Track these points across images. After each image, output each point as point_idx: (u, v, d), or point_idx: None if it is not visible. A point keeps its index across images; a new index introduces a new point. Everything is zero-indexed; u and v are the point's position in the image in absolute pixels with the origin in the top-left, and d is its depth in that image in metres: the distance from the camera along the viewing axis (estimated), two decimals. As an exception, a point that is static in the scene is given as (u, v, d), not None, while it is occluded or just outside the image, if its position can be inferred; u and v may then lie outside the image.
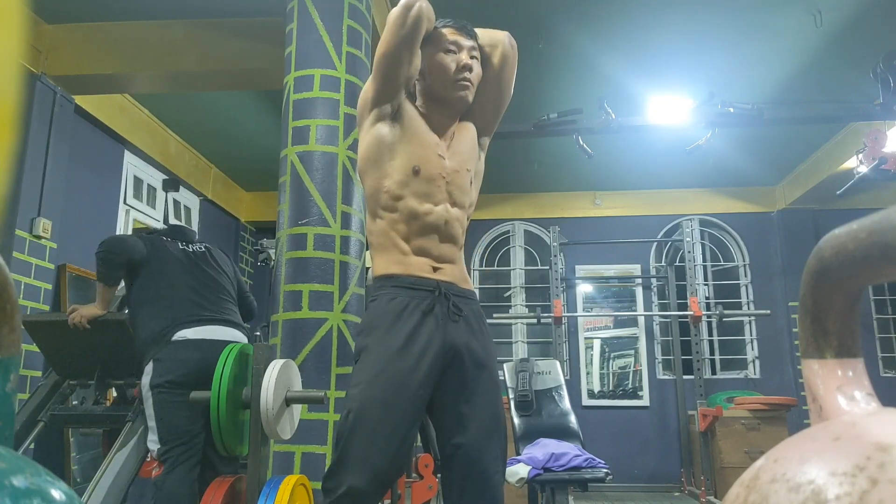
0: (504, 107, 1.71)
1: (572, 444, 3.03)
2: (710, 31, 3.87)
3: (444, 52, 1.63)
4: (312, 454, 2.29)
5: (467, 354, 1.51)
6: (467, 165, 1.64)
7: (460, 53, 1.62)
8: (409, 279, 1.53)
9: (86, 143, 4.17)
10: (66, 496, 0.40)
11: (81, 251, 4.02)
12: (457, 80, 1.61)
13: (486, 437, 1.48)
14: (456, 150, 1.63)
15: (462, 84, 1.61)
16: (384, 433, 1.41)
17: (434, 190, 1.56)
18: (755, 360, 6.14)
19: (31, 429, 2.75)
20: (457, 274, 1.59)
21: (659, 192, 6.43)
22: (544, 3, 3.60)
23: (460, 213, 1.61)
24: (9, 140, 0.34)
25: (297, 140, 2.57)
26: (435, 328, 1.49)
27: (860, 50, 3.95)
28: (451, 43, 1.63)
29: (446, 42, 1.63)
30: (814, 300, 0.43)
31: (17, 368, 0.61)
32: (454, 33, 1.64)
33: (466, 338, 1.52)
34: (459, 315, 1.53)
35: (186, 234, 2.72)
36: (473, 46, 1.65)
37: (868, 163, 4.00)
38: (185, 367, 2.32)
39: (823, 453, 0.36)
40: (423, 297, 1.51)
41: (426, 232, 1.55)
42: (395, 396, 1.42)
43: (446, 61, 1.62)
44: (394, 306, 1.50)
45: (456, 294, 1.56)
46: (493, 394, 1.53)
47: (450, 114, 1.66)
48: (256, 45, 3.62)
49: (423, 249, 1.55)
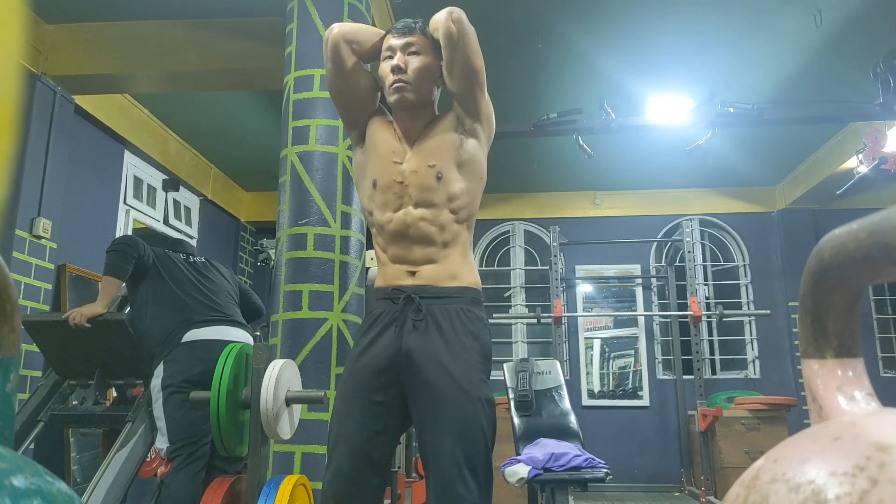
0: (475, 82, 1.63)
1: (572, 444, 3.03)
2: (710, 31, 3.87)
3: (383, 60, 1.65)
4: (312, 454, 2.29)
5: (427, 360, 1.48)
6: (430, 161, 1.59)
7: (393, 57, 1.63)
8: (385, 290, 1.59)
9: (86, 143, 4.17)
10: (66, 496, 0.40)
11: (81, 251, 4.02)
12: (391, 84, 1.62)
13: (449, 441, 1.44)
14: (420, 149, 1.62)
15: (395, 87, 1.61)
16: (343, 438, 1.49)
17: (390, 198, 1.59)
18: (755, 360, 6.14)
19: (31, 429, 2.75)
20: (439, 273, 1.56)
21: (659, 192, 6.43)
22: (544, 3, 3.60)
23: (428, 212, 1.57)
24: (9, 140, 0.34)
25: (297, 140, 2.57)
26: (393, 336, 1.52)
27: (860, 50, 3.95)
28: (388, 49, 1.64)
29: (384, 49, 1.65)
30: (814, 300, 0.43)
31: (17, 368, 0.61)
32: (389, 38, 1.65)
33: (426, 342, 1.50)
34: (419, 319, 1.51)
35: (187, 248, 2.86)
36: (408, 43, 1.63)
37: (868, 163, 4.00)
38: (199, 366, 2.37)
39: (823, 453, 0.36)
40: (392, 307, 1.55)
41: (395, 239, 1.58)
42: (348, 405, 1.51)
43: (384, 68, 1.64)
44: (367, 320, 1.61)
45: (430, 296, 1.53)
46: (457, 396, 1.46)
47: (409, 116, 1.65)
48: (256, 45, 3.62)
49: (399, 257, 1.59)
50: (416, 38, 1.63)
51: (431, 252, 1.57)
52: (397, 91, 1.61)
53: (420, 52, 1.63)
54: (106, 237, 4.39)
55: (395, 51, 1.63)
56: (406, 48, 1.62)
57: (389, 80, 1.62)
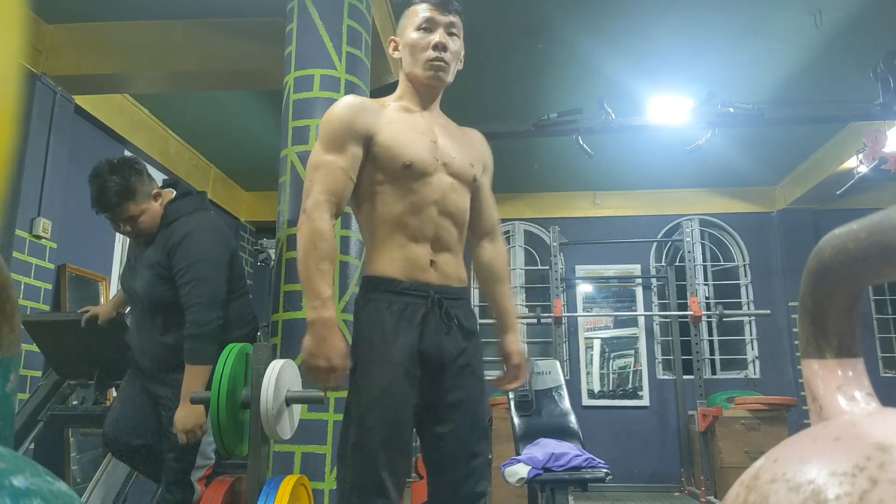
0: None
1: (572, 444, 3.03)
2: (710, 31, 3.87)
3: (418, 30, 1.59)
4: (312, 454, 2.29)
5: (463, 365, 1.58)
6: (461, 147, 1.68)
7: (433, 31, 1.58)
8: (405, 284, 1.56)
9: (86, 143, 4.17)
10: (66, 496, 0.40)
11: (81, 251, 4.02)
12: (430, 59, 1.57)
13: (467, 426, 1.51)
14: (444, 132, 1.65)
15: (435, 64, 1.57)
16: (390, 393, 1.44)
17: (428, 170, 1.62)
18: (755, 360, 6.14)
19: (31, 429, 2.75)
20: (455, 271, 1.64)
21: (659, 192, 6.43)
22: (544, 3, 3.60)
23: (459, 195, 1.64)
24: (9, 140, 0.34)
25: (297, 140, 2.57)
26: (424, 335, 1.55)
27: (860, 50, 3.94)
28: (427, 21, 1.58)
29: (421, 19, 1.59)
30: (814, 300, 0.43)
31: (17, 368, 0.61)
32: (428, 8, 1.59)
33: (457, 344, 1.58)
34: (450, 324, 1.60)
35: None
36: (451, 22, 1.59)
37: (868, 163, 3.99)
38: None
39: (823, 453, 0.36)
40: (418, 303, 1.53)
41: (422, 219, 1.60)
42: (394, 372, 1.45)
43: (418, 40, 1.58)
44: (388, 314, 1.57)
45: (450, 297, 1.60)
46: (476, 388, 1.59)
47: (432, 96, 1.64)
48: (256, 45, 3.62)
49: (422, 236, 1.60)
50: (457, 19, 1.61)
51: (452, 241, 1.57)
52: (435, 69, 1.58)
53: (458, 35, 1.62)
54: (106, 237, 4.40)
55: (436, 25, 1.58)
56: (448, 27, 1.59)
57: (428, 55, 1.57)
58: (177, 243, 2.12)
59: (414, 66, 1.60)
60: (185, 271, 2.10)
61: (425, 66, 1.58)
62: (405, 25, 1.63)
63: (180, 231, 2.14)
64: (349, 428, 1.46)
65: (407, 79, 1.64)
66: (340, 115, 1.53)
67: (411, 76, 1.62)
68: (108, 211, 2.13)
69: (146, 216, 2.17)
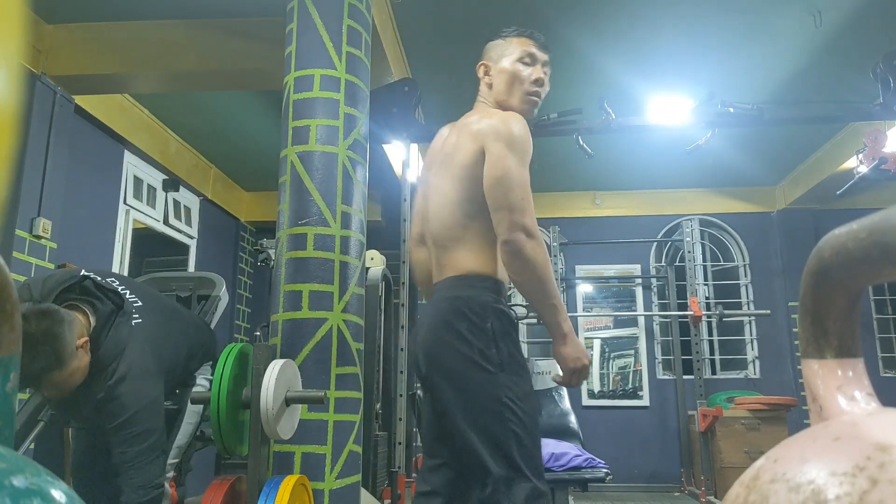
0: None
1: (572, 444, 3.04)
2: (710, 31, 3.87)
3: (521, 61, 1.67)
4: (312, 454, 2.29)
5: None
6: None
7: (534, 64, 1.67)
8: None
9: (86, 143, 4.17)
10: (66, 496, 0.40)
11: (81, 251, 4.02)
12: (529, 93, 1.66)
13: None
14: None
15: (533, 99, 1.67)
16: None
17: None
18: (755, 360, 6.14)
19: (31, 429, 2.75)
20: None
21: (659, 192, 6.43)
22: (544, 3, 3.60)
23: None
24: (9, 140, 0.34)
25: (297, 140, 2.57)
26: None
27: (860, 50, 3.94)
28: (529, 55, 1.67)
29: (523, 53, 1.67)
30: (814, 300, 0.43)
31: (18, 368, 0.61)
32: (529, 44, 1.68)
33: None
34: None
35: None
36: (547, 62, 1.69)
37: (868, 163, 3.99)
38: None
39: (823, 453, 0.36)
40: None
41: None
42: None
43: (522, 71, 1.66)
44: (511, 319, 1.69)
45: None
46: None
47: None
48: (256, 45, 3.61)
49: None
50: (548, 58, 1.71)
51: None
52: (532, 104, 1.70)
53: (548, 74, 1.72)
54: (106, 237, 4.40)
55: (535, 61, 1.68)
56: (545, 66, 1.70)
57: (528, 88, 1.68)
58: (108, 397, 1.88)
59: (510, 95, 1.69)
60: (121, 427, 1.87)
61: (524, 98, 1.68)
62: (502, 54, 1.70)
63: (111, 378, 1.89)
64: (515, 416, 1.52)
65: (498, 105, 1.71)
66: (529, 135, 1.63)
67: (505, 104, 1.70)
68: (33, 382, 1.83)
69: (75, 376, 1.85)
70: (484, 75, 1.73)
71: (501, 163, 1.57)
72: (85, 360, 1.86)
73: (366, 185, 2.67)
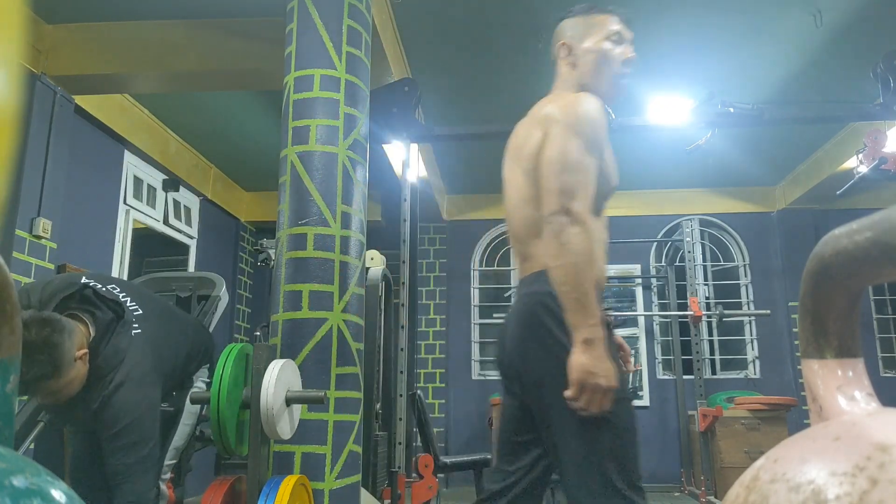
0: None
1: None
2: (710, 31, 3.87)
3: (610, 39, 1.56)
4: (312, 454, 2.29)
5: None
6: None
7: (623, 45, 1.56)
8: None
9: (86, 143, 4.17)
10: (66, 496, 0.40)
11: (81, 251, 4.02)
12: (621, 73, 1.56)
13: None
14: None
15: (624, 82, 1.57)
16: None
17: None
18: (755, 360, 6.14)
19: (31, 429, 2.75)
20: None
21: (659, 192, 6.43)
22: (544, 3, 3.60)
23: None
24: (9, 140, 0.34)
25: (297, 140, 2.57)
26: None
27: (860, 50, 3.95)
28: (617, 34, 1.57)
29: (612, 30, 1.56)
30: (814, 300, 0.43)
31: (18, 369, 0.61)
32: (615, 21, 1.57)
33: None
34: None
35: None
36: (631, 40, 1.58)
37: (868, 163, 3.99)
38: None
39: (823, 453, 0.36)
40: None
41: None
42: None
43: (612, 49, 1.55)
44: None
45: None
46: None
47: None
48: (256, 45, 3.62)
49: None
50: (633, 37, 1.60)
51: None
52: (621, 86, 1.59)
53: None
54: (106, 237, 4.40)
55: (623, 40, 1.58)
56: (631, 43, 1.59)
57: (619, 69, 1.57)
58: (104, 405, 1.88)
59: (598, 76, 1.57)
60: (116, 437, 1.86)
61: (614, 80, 1.57)
62: (586, 32, 1.58)
63: (109, 388, 1.88)
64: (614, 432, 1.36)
65: (581, 88, 1.58)
66: (601, 118, 1.46)
67: (592, 85, 1.57)
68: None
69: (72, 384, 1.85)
70: (567, 55, 1.60)
71: (558, 142, 1.42)
72: (83, 370, 1.86)
73: (366, 185, 2.66)
